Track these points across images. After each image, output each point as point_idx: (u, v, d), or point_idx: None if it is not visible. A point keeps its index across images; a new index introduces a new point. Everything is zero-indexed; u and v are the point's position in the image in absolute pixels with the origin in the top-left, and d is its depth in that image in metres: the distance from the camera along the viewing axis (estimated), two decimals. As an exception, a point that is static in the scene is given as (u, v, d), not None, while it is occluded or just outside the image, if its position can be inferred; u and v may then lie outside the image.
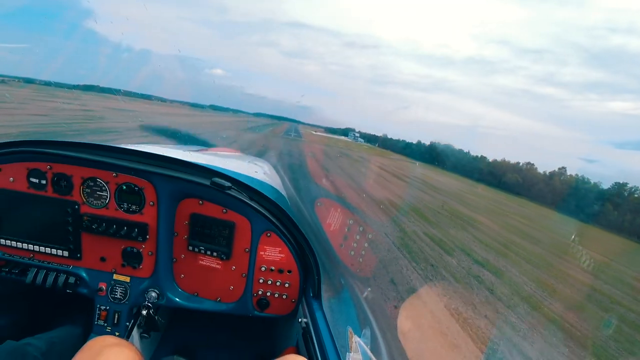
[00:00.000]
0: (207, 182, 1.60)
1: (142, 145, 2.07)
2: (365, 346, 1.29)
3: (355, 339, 1.34)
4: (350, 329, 1.44)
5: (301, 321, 1.69)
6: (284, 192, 2.75)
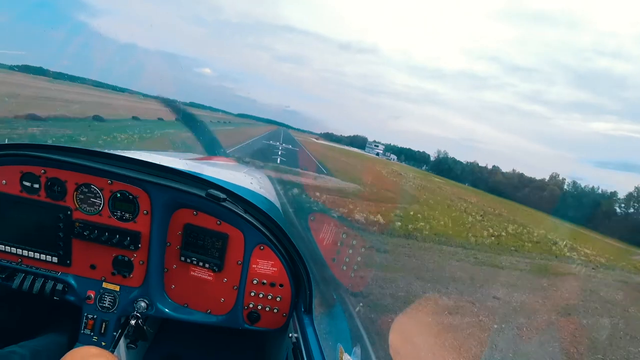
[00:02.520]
0: (203, 193, 1.59)
1: (139, 153, 2.07)
2: None
3: (346, 357, 1.32)
4: (340, 347, 1.43)
5: (292, 336, 1.67)
6: (278, 205, 2.74)
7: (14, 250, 1.66)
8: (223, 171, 2.50)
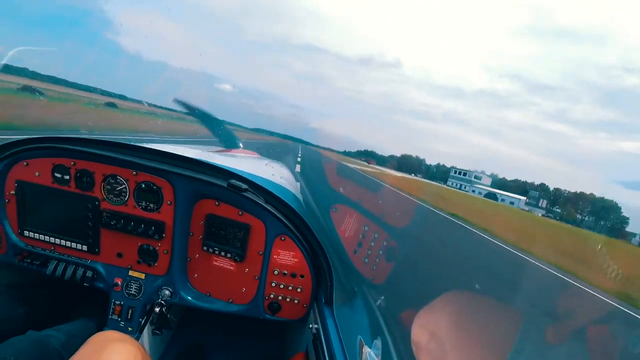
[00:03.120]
0: (224, 184, 1.61)
1: (162, 145, 2.11)
2: (375, 357, 1.26)
3: (366, 349, 1.31)
4: (360, 339, 1.41)
5: (312, 327, 1.67)
6: (300, 196, 2.74)
7: (47, 238, 1.74)
8: (245, 162, 2.52)
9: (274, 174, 2.63)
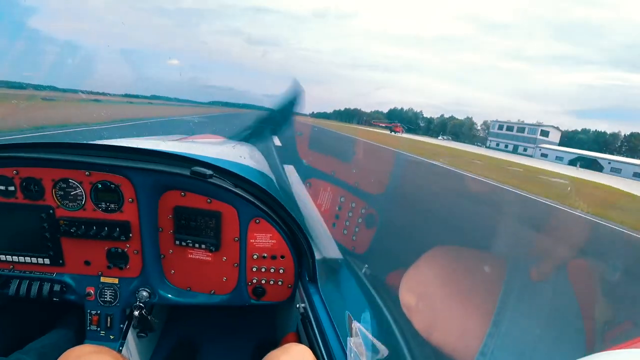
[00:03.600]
0: (187, 172, 1.51)
1: (116, 140, 1.97)
2: (365, 330, 1.25)
3: (355, 324, 1.29)
4: (349, 314, 1.40)
5: (299, 306, 1.65)
6: (271, 175, 2.67)
7: (3, 257, 1.59)
8: (209, 148, 2.41)
9: (242, 155, 2.53)
